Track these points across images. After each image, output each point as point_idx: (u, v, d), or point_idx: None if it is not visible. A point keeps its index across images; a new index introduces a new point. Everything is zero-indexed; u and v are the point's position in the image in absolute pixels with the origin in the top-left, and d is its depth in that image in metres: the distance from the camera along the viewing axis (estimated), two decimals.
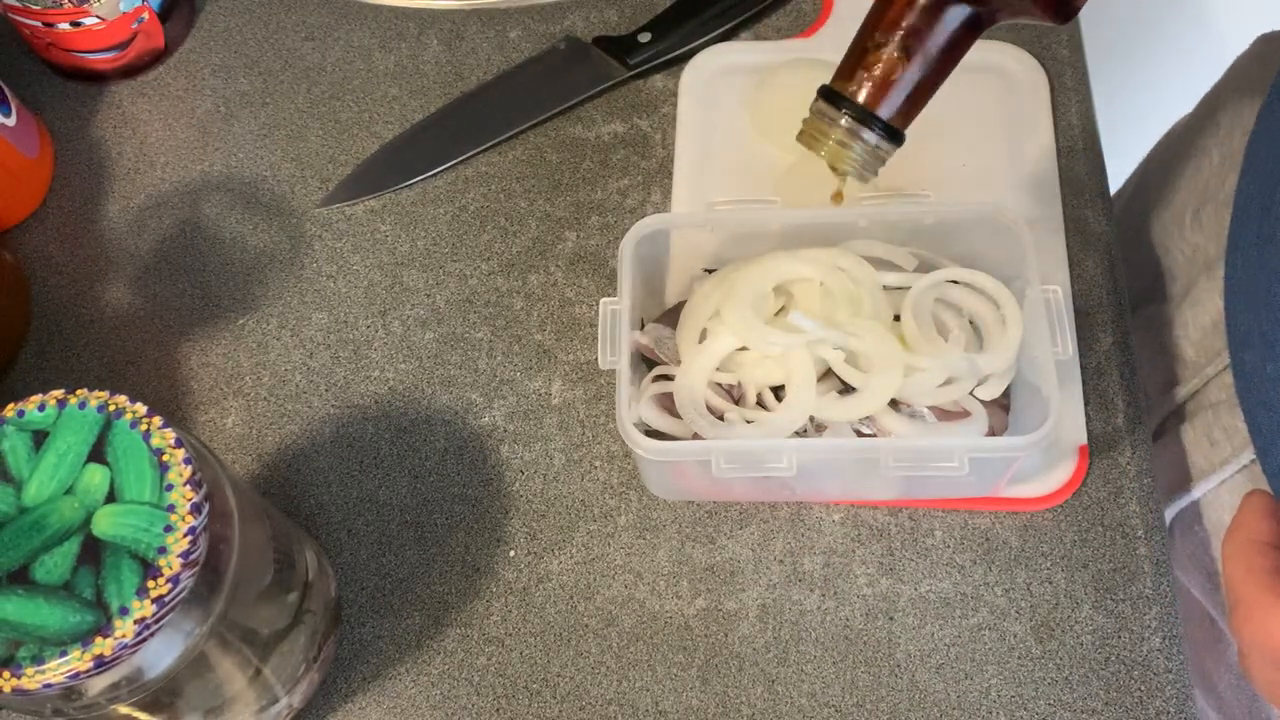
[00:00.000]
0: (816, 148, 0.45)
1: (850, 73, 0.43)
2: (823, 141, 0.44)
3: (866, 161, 0.45)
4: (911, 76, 0.42)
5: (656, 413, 0.53)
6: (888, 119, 0.43)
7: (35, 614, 0.39)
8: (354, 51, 0.71)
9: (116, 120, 0.69)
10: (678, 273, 0.60)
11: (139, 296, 0.64)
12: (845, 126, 0.44)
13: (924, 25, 0.41)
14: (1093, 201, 0.63)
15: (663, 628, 0.55)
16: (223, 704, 0.47)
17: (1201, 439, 0.60)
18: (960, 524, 0.56)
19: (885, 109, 0.43)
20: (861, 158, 0.44)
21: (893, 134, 0.44)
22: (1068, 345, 0.51)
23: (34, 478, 0.41)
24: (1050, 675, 0.53)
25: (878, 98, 0.43)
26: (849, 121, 0.43)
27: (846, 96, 0.43)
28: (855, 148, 0.44)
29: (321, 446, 0.60)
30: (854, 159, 0.44)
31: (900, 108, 0.43)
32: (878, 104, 0.43)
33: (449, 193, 0.66)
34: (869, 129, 0.43)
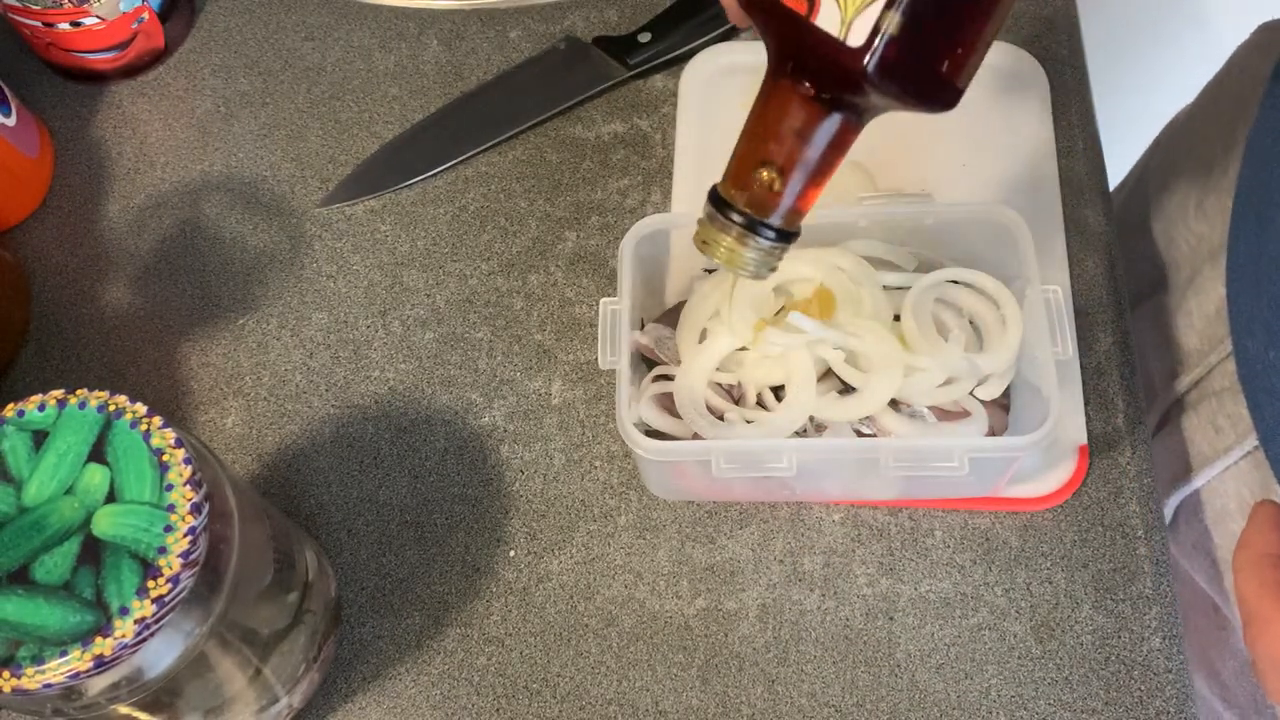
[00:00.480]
0: (711, 252, 0.44)
1: (736, 179, 0.43)
2: (717, 246, 0.44)
3: (762, 262, 0.44)
4: (796, 183, 0.42)
5: (656, 413, 0.53)
6: (779, 223, 0.43)
7: (35, 614, 0.39)
8: (354, 51, 0.71)
9: (116, 120, 0.69)
10: (678, 273, 0.60)
11: (139, 296, 0.64)
12: (736, 235, 0.43)
13: (800, 136, 0.41)
14: (1093, 201, 0.63)
15: (663, 628, 0.55)
16: (223, 704, 0.47)
17: (1206, 426, 0.61)
18: (960, 524, 0.56)
19: (774, 216, 0.42)
20: (757, 259, 0.44)
21: (785, 235, 0.43)
22: (1068, 345, 0.51)
23: (34, 478, 0.41)
24: (1050, 675, 0.53)
25: (765, 206, 0.42)
26: (740, 230, 0.43)
27: (734, 204, 0.43)
28: (750, 252, 0.43)
29: (321, 446, 0.60)
30: (749, 261, 0.44)
31: (789, 211, 0.42)
32: (766, 212, 0.42)
33: (449, 193, 0.66)
34: (760, 235, 0.43)
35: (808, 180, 0.42)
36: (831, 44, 0.37)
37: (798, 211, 0.43)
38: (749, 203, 0.43)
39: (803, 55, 0.39)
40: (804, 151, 0.41)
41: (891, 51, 0.37)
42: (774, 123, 0.41)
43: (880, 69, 0.37)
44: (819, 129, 0.40)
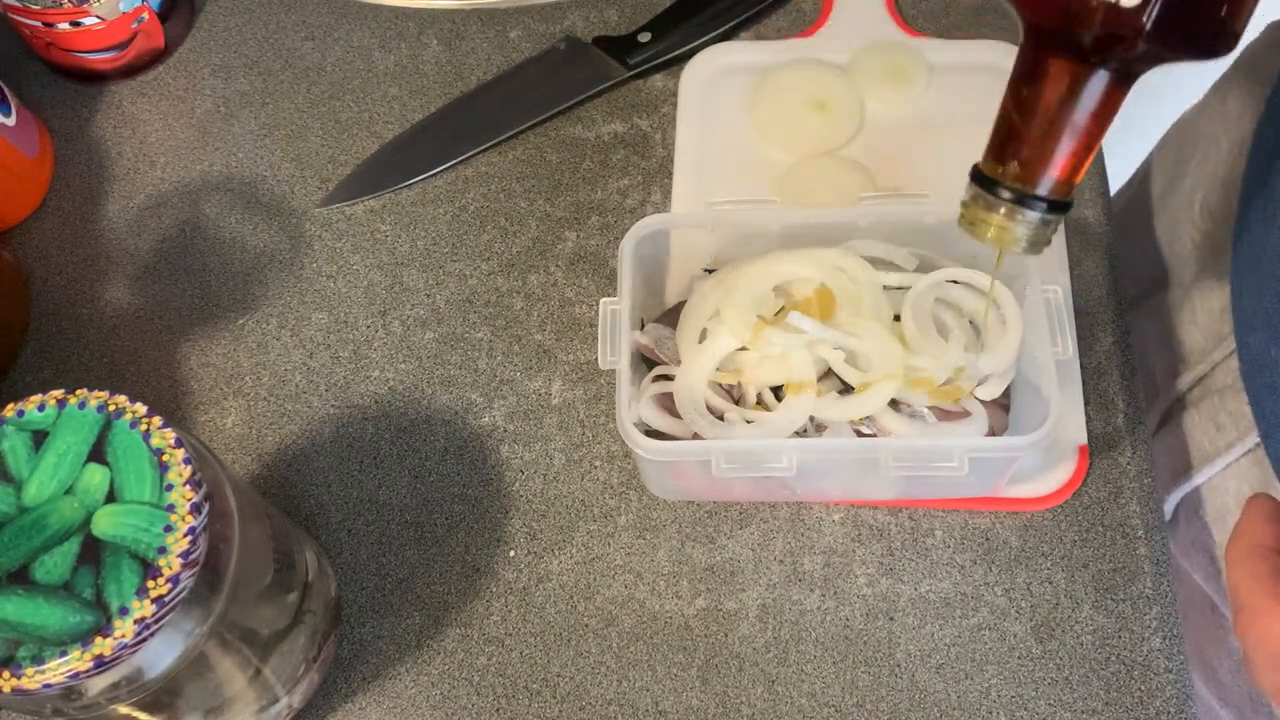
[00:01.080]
0: (979, 233, 0.43)
1: (1000, 152, 0.41)
2: (985, 226, 0.42)
3: (1034, 237, 0.42)
4: (1065, 148, 0.40)
5: (656, 413, 0.53)
6: (1049, 194, 0.41)
7: (35, 614, 0.39)
8: (354, 51, 0.71)
9: (116, 120, 0.69)
10: (678, 273, 0.60)
11: (139, 296, 0.64)
12: (1005, 211, 0.42)
13: (1069, 97, 0.39)
14: (1093, 201, 0.63)
15: (663, 628, 0.55)
16: (223, 704, 0.47)
17: (1207, 424, 0.61)
18: (960, 524, 0.56)
19: (1044, 185, 0.41)
20: (1030, 235, 0.42)
21: (1057, 206, 0.41)
22: (1068, 345, 0.51)
23: (34, 478, 0.41)
24: (1050, 675, 0.53)
25: (1035, 176, 0.41)
26: (1009, 206, 0.41)
27: (1001, 180, 0.41)
28: (1020, 228, 0.42)
29: (321, 446, 0.60)
30: (1021, 237, 0.42)
31: (1059, 181, 0.41)
32: (1036, 182, 0.41)
33: (449, 193, 0.66)
34: (1031, 208, 0.41)
35: (1077, 147, 0.40)
36: (1103, 7, 0.36)
37: (1068, 182, 0.41)
38: (1016, 177, 0.41)
39: (1069, 23, 0.37)
40: (1072, 118, 0.39)
41: (1170, 5, 0.35)
42: (1038, 91, 0.40)
43: (1160, 24, 0.36)
44: (1087, 93, 0.39)
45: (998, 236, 0.43)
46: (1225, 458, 0.59)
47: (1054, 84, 0.40)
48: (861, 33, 0.68)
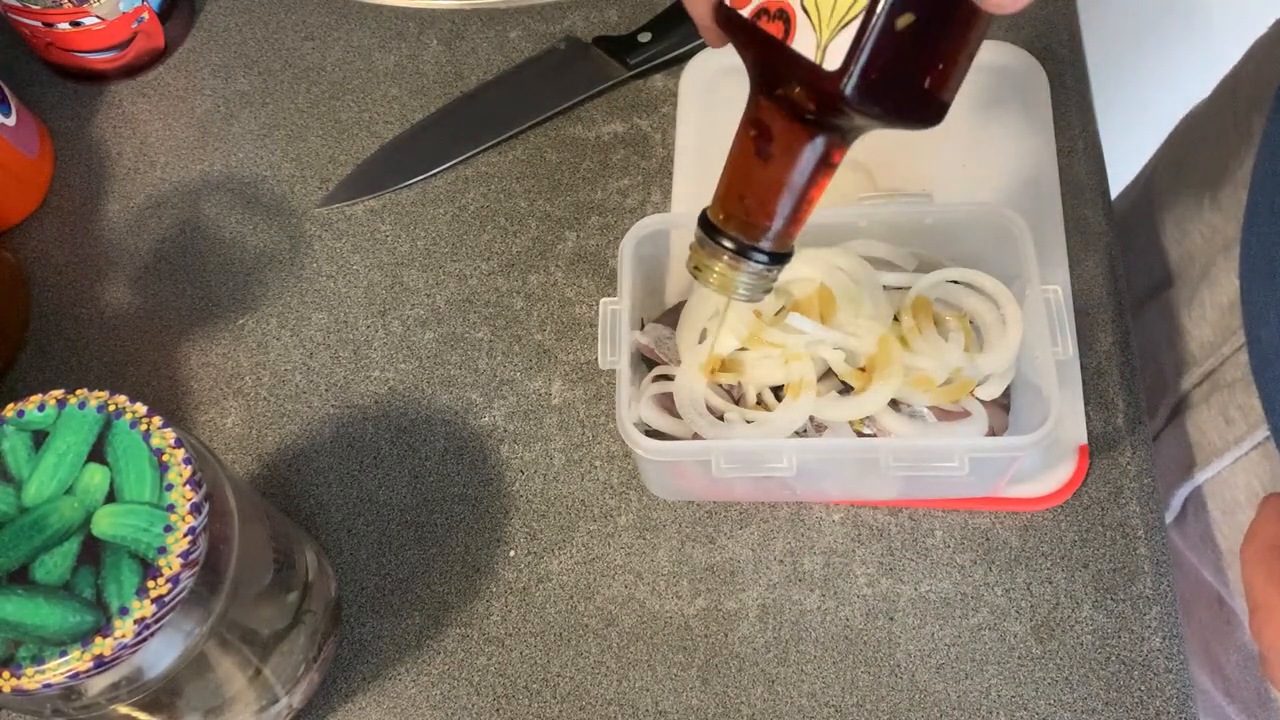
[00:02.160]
0: (703, 279, 0.44)
1: (724, 204, 0.42)
2: (709, 272, 0.43)
3: (754, 286, 0.44)
4: (785, 206, 0.41)
5: (656, 413, 0.53)
6: (769, 246, 0.42)
7: (35, 614, 0.39)
8: (354, 51, 0.71)
9: (116, 120, 0.69)
10: (678, 273, 0.60)
11: (139, 296, 0.64)
12: (727, 260, 0.43)
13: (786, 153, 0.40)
14: (1093, 201, 0.63)
15: (663, 628, 0.55)
16: (223, 704, 0.47)
17: (1217, 417, 0.61)
18: (960, 524, 0.56)
19: (765, 239, 0.42)
20: (749, 284, 0.43)
21: (777, 258, 0.42)
22: (1068, 345, 0.51)
23: (34, 478, 0.41)
24: (1050, 675, 0.53)
25: (755, 230, 0.42)
26: (730, 256, 0.42)
27: (724, 229, 0.42)
28: (741, 276, 0.43)
29: (321, 446, 0.60)
30: (741, 285, 0.43)
31: (779, 234, 0.42)
32: (756, 236, 0.41)
33: (449, 193, 0.66)
34: (751, 260, 0.42)
35: (796, 202, 0.41)
36: (808, 68, 0.37)
37: (788, 234, 0.42)
38: (738, 227, 0.42)
39: (781, 79, 0.38)
40: (790, 174, 0.40)
41: (870, 73, 0.36)
42: (758, 146, 0.40)
43: (859, 91, 0.36)
44: (804, 151, 0.40)
45: (720, 284, 0.43)
46: (1234, 452, 0.59)
47: (772, 139, 0.40)
48: None
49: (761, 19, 0.38)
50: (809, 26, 0.36)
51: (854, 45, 0.36)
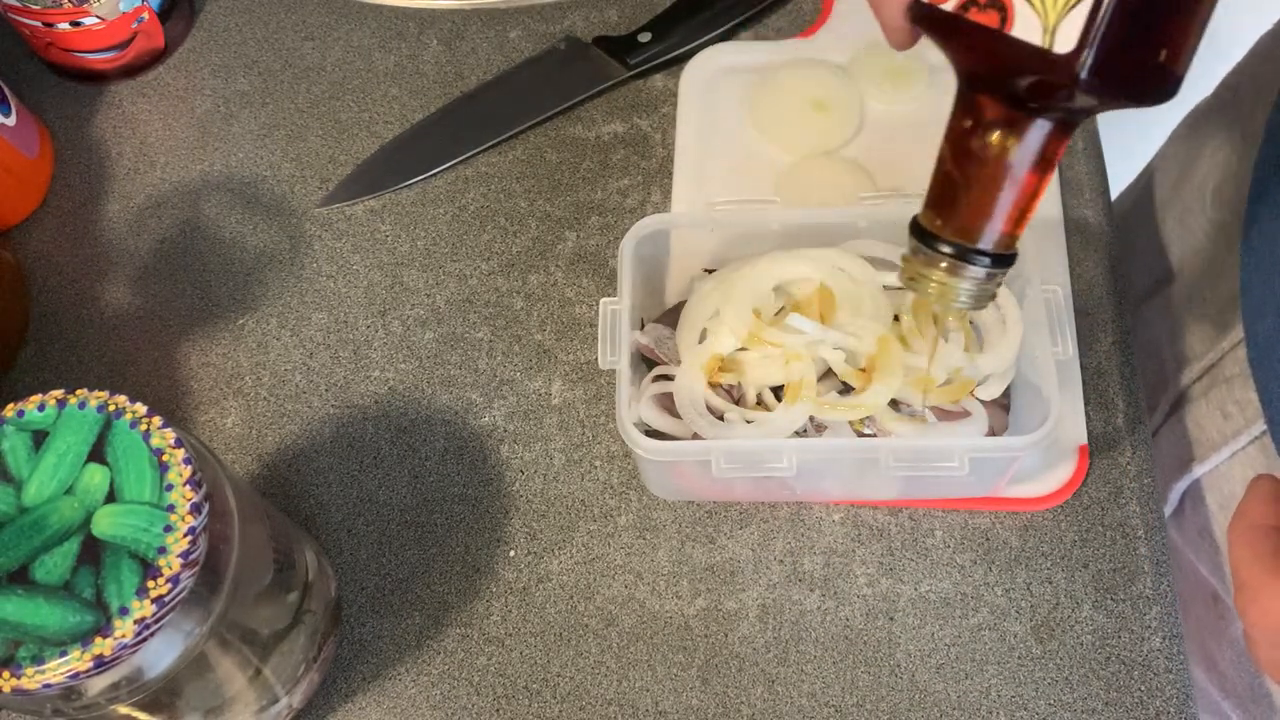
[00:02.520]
0: (920, 289, 0.41)
1: (939, 206, 0.39)
2: (926, 281, 0.40)
3: (977, 293, 0.40)
4: (1005, 200, 0.38)
5: (656, 413, 0.53)
6: (993, 248, 0.39)
7: (35, 614, 0.39)
8: (354, 51, 0.71)
9: (116, 120, 0.69)
10: (678, 273, 0.60)
11: (139, 296, 0.64)
12: (947, 266, 0.40)
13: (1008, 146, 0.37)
14: (1093, 201, 0.63)
15: (663, 628, 0.55)
16: (223, 704, 0.47)
17: (1215, 412, 0.61)
18: (960, 524, 0.56)
19: (986, 239, 0.39)
20: (972, 290, 0.40)
21: (1001, 260, 0.40)
22: (1068, 345, 0.51)
23: (34, 478, 0.41)
24: (1050, 675, 0.53)
25: (976, 229, 0.39)
26: (950, 261, 0.39)
27: (940, 234, 0.39)
28: (963, 283, 0.40)
29: (321, 446, 0.60)
30: (963, 293, 0.40)
31: (1001, 234, 0.39)
32: (977, 236, 0.39)
33: (449, 193, 0.66)
34: (974, 264, 0.39)
35: (1018, 199, 0.39)
36: (1036, 54, 0.35)
37: (1012, 234, 0.40)
38: (956, 232, 0.39)
39: (1002, 70, 0.36)
40: (1013, 169, 0.38)
41: (1106, 52, 0.34)
42: (975, 142, 0.38)
43: (1096, 73, 0.34)
44: (1025, 142, 0.37)
45: (940, 293, 0.41)
46: (1232, 445, 0.59)
47: (990, 133, 0.38)
48: (861, 33, 0.68)
49: (971, 10, 0.36)
50: (1031, 11, 0.34)
51: (1088, 23, 0.33)
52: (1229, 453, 0.60)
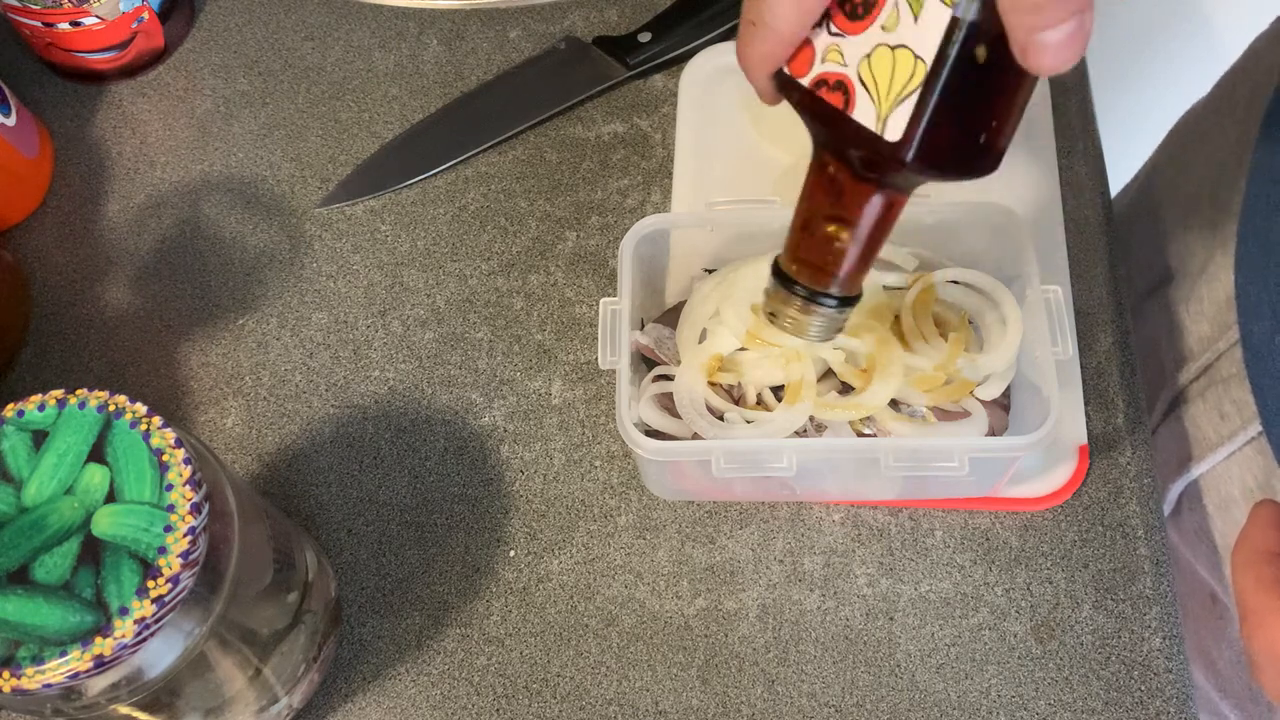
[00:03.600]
0: (778, 323, 0.47)
1: (794, 252, 0.45)
2: (783, 317, 0.46)
3: (826, 328, 0.47)
4: (851, 254, 0.43)
5: (656, 413, 0.53)
6: (839, 292, 0.45)
7: (35, 614, 0.39)
8: (354, 51, 0.71)
9: (116, 120, 0.69)
10: (678, 273, 0.60)
11: (139, 296, 0.64)
12: (799, 306, 0.45)
13: (850, 208, 0.42)
14: (1093, 201, 0.63)
15: (663, 628, 0.55)
16: (223, 704, 0.47)
17: (1212, 412, 0.61)
18: (960, 524, 0.56)
19: (834, 285, 0.44)
20: (821, 326, 0.46)
21: (847, 301, 0.45)
22: (1068, 345, 0.51)
23: (34, 478, 0.41)
24: (1050, 675, 0.53)
25: (824, 277, 0.44)
26: (802, 302, 0.45)
27: (795, 278, 0.45)
28: (814, 320, 0.46)
29: (321, 446, 0.60)
30: (814, 328, 0.46)
31: (847, 279, 0.44)
32: (826, 283, 0.44)
33: (449, 193, 0.66)
34: (822, 304, 0.45)
35: (862, 250, 0.43)
36: (870, 137, 0.38)
37: (856, 279, 0.44)
38: (809, 276, 0.44)
39: (845, 145, 0.40)
40: (855, 226, 0.42)
41: (929, 141, 0.37)
42: (824, 200, 0.42)
43: (920, 158, 0.38)
44: (867, 205, 0.41)
45: (794, 328, 0.46)
46: (1229, 446, 0.59)
47: (837, 194, 0.42)
48: None
49: (821, 89, 0.39)
50: (868, 99, 0.38)
51: (913, 116, 0.37)
52: (1226, 453, 0.60)
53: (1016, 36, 0.34)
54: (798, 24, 0.38)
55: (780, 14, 0.37)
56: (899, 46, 0.37)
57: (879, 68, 0.37)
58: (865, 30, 0.38)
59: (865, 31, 0.38)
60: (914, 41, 0.37)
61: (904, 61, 0.37)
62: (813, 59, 0.39)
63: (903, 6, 0.37)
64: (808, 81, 0.40)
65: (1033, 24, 0.33)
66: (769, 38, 0.38)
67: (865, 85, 0.38)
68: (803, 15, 0.38)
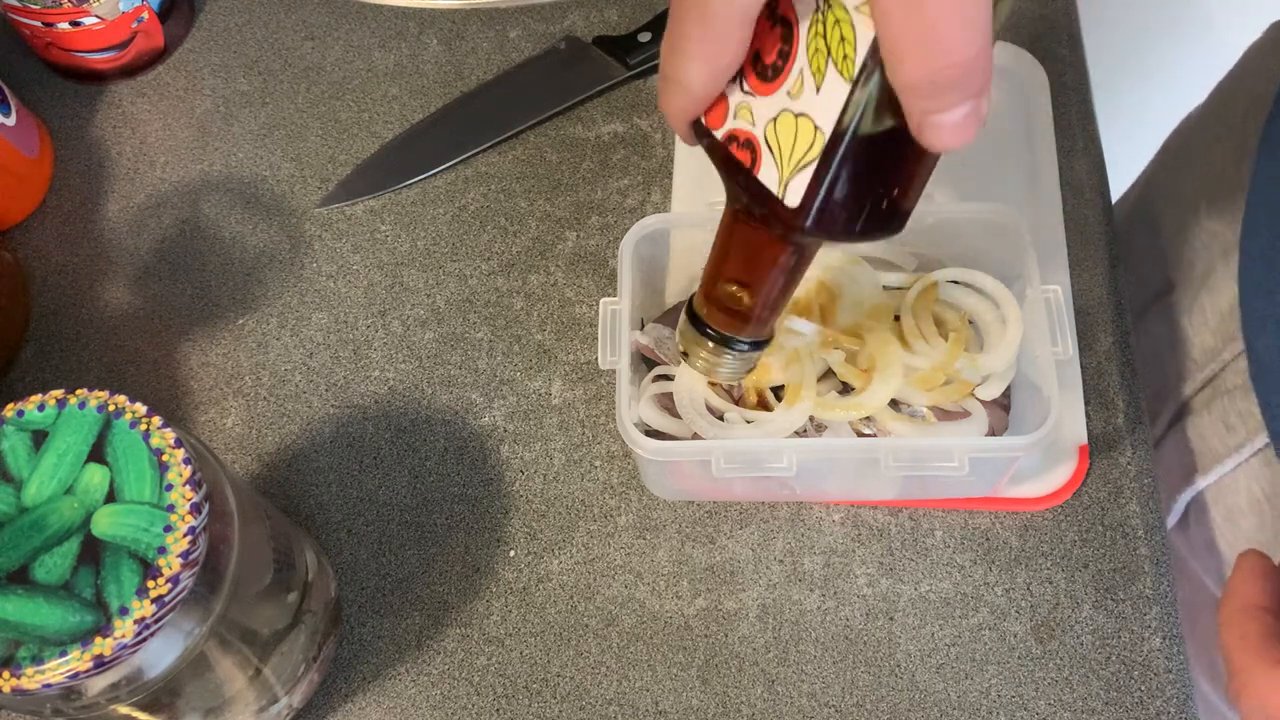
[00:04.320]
0: (691, 361, 0.47)
1: (707, 298, 0.45)
2: (695, 357, 0.47)
3: (736, 369, 0.47)
4: (761, 303, 0.44)
5: (656, 413, 0.53)
6: (748, 337, 0.46)
7: (35, 614, 0.39)
8: (354, 51, 0.71)
9: (116, 120, 0.69)
10: (678, 273, 0.60)
11: (139, 296, 0.64)
12: (711, 348, 0.46)
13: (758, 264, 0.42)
14: (1093, 201, 0.63)
15: (663, 628, 0.55)
16: (223, 704, 0.47)
17: (1217, 424, 0.61)
18: (960, 524, 0.56)
19: (744, 331, 0.45)
20: (732, 367, 0.47)
21: (757, 344, 0.46)
22: (1068, 345, 0.51)
23: (34, 478, 0.41)
24: (1050, 675, 0.53)
25: (735, 323, 0.45)
26: (714, 344, 0.46)
27: (707, 321, 0.46)
28: (725, 359, 0.47)
29: (321, 446, 0.60)
30: (725, 368, 0.47)
31: (757, 324, 0.45)
32: (736, 328, 0.45)
33: (449, 193, 0.66)
34: (732, 348, 0.46)
35: (771, 299, 0.44)
36: (772, 199, 0.38)
37: (765, 324, 0.45)
38: (720, 321, 0.45)
39: (750, 201, 0.40)
40: (764, 277, 0.43)
41: (826, 208, 0.37)
42: (734, 250, 0.43)
43: (817, 225, 0.38)
44: (777, 259, 0.42)
45: (705, 368, 0.47)
46: (1235, 458, 0.59)
47: (746, 245, 0.42)
48: None
49: (732, 145, 0.40)
50: (772, 162, 0.38)
51: (811, 185, 0.37)
52: (1233, 465, 0.60)
53: (912, 118, 0.34)
54: (710, 85, 0.38)
55: (693, 74, 0.38)
56: (801, 115, 0.37)
57: (783, 133, 0.38)
58: (773, 93, 0.38)
59: (773, 94, 0.38)
60: (815, 111, 0.36)
61: (805, 130, 0.37)
62: (726, 114, 0.40)
63: (807, 76, 0.37)
64: (720, 135, 0.40)
65: (927, 108, 0.33)
66: (683, 94, 0.39)
67: (770, 148, 0.38)
68: (714, 76, 0.38)
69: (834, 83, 0.36)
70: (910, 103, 0.34)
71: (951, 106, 0.33)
